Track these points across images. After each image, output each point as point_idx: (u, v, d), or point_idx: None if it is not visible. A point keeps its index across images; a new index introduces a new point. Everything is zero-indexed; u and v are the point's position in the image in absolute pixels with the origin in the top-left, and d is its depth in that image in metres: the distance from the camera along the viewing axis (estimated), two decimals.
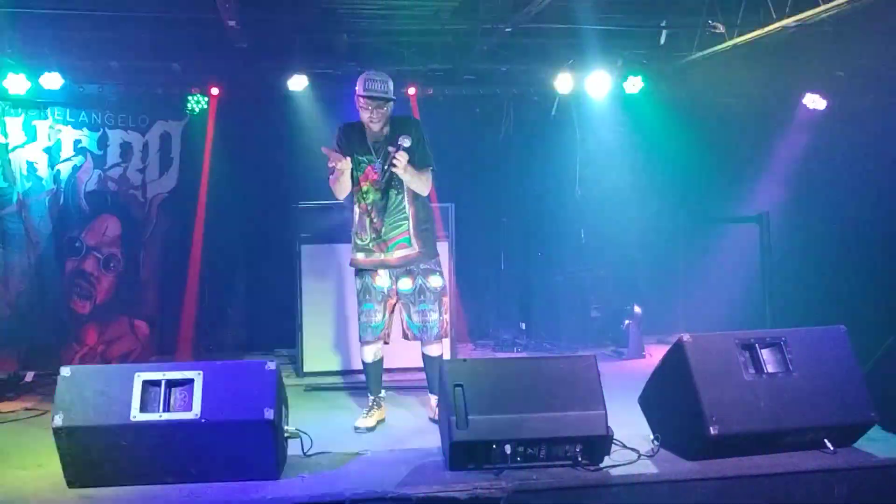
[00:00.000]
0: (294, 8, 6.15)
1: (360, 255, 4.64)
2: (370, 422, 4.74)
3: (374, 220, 4.58)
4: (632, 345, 6.87)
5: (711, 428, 3.46)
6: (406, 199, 4.60)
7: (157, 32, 6.54)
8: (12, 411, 5.37)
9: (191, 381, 3.43)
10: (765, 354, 3.69)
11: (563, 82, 7.13)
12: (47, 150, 6.28)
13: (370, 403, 4.84)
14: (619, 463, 3.57)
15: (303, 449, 3.78)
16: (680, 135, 7.43)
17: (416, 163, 4.52)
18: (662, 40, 6.69)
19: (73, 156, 6.41)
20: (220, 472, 3.43)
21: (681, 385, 3.61)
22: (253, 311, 7.60)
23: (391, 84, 4.62)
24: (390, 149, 4.45)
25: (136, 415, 3.35)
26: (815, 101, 7.25)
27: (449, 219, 6.49)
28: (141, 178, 6.77)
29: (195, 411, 3.37)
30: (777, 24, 5.56)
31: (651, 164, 7.59)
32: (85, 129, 6.47)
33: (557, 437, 3.49)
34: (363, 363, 4.82)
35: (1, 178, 6.10)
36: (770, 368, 3.67)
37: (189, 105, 6.92)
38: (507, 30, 5.97)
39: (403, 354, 6.25)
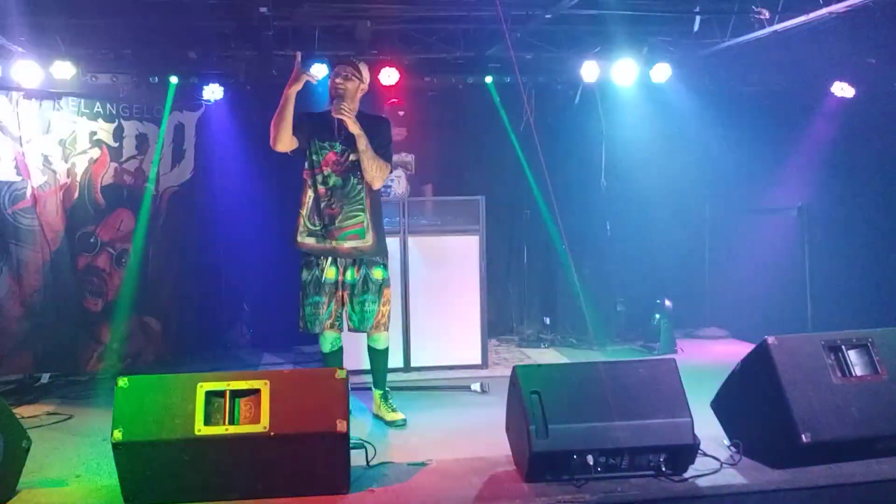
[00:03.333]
0: None
1: (311, 240, 4.59)
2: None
3: (333, 206, 4.56)
4: (663, 340, 6.73)
5: (803, 436, 3.31)
6: (365, 189, 4.60)
7: (171, 19, 6.29)
8: (35, 416, 5.14)
9: (257, 391, 3.23)
10: (852, 356, 3.55)
11: (588, 70, 6.95)
12: (62, 143, 6.01)
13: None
14: (703, 472, 3.42)
15: (367, 459, 3.60)
16: (707, 124, 7.28)
17: (378, 153, 4.55)
18: (696, 27, 6.50)
19: (89, 148, 6.14)
20: (289, 486, 3.24)
21: (766, 390, 3.46)
22: (270, 307, 7.38)
23: (366, 70, 4.70)
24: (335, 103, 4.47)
25: (201, 428, 3.14)
26: (843, 89, 7.12)
27: (479, 212, 6.31)
28: (155, 170, 6.51)
29: (263, 424, 3.17)
30: (823, 10, 5.40)
31: (678, 154, 7.43)
32: (100, 120, 6.20)
33: (641, 446, 3.33)
34: (323, 354, 4.80)
35: (14, 173, 5.82)
36: (858, 371, 3.53)
37: (205, 94, 6.68)
38: (546, 16, 5.76)
39: (424, 355, 6.18)
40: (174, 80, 6.40)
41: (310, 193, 4.59)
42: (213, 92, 6.67)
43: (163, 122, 6.38)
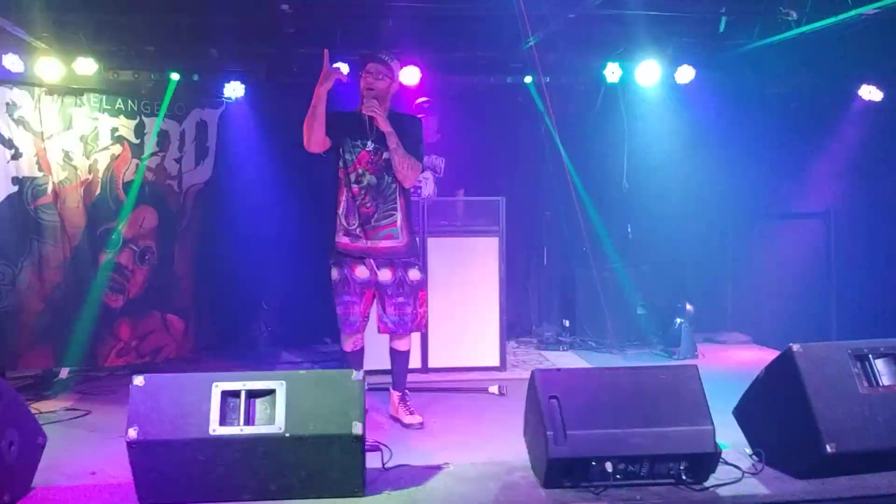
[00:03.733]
0: None
1: (346, 240, 4.53)
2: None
3: (368, 205, 4.50)
4: (684, 345, 6.64)
5: (828, 446, 3.23)
6: (398, 189, 4.55)
7: (192, 16, 6.30)
8: (52, 411, 5.15)
9: (272, 391, 3.20)
10: (879, 366, 3.45)
11: (611, 71, 6.90)
12: (83, 139, 6.03)
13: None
14: (723, 481, 3.34)
15: (382, 462, 3.56)
16: (732, 127, 7.20)
17: (409, 152, 4.49)
18: (722, 27, 6.42)
19: (111, 144, 6.15)
20: (303, 489, 3.20)
21: (790, 398, 3.38)
22: (288, 305, 7.39)
23: (397, 66, 4.63)
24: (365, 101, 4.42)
25: (216, 428, 3.11)
26: (871, 93, 7.01)
27: (500, 213, 6.26)
28: (177, 167, 6.52)
29: (278, 425, 3.14)
30: (853, 12, 5.30)
31: (702, 156, 7.35)
32: (122, 116, 6.20)
33: (662, 453, 3.26)
34: (343, 353, 4.71)
35: (36, 168, 5.84)
36: (886, 381, 3.43)
37: (226, 92, 6.69)
38: (569, 16, 5.70)
39: (442, 356, 6.14)
40: (175, 76, 6.42)
41: (345, 193, 4.53)
42: (234, 89, 6.70)
43: (159, 117, 6.33)
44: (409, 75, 6.66)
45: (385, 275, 4.55)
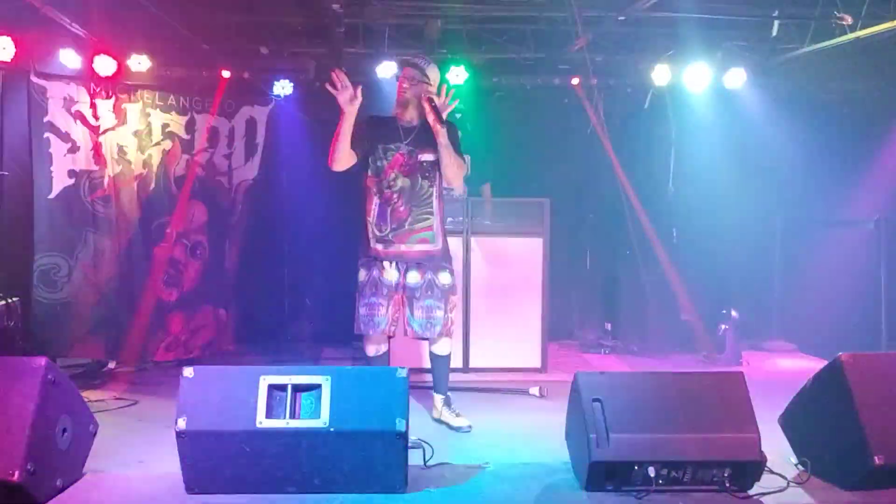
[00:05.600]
0: None
1: (380, 246, 4.44)
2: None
3: (400, 209, 4.43)
4: (728, 351, 6.58)
5: (876, 458, 3.19)
6: (435, 192, 4.51)
7: (245, 15, 6.40)
8: (101, 400, 5.26)
9: (318, 386, 3.25)
10: None
11: (660, 74, 6.85)
12: (137, 134, 6.15)
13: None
14: (768, 490, 3.32)
15: (424, 459, 3.59)
16: (782, 132, 7.09)
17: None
18: (775, 31, 6.33)
19: (163, 140, 6.27)
20: (345, 483, 3.25)
21: (838, 408, 3.34)
22: (331, 302, 7.44)
23: (435, 71, 4.56)
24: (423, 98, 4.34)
25: (262, 421, 3.17)
26: None
27: (544, 214, 6.25)
28: (227, 164, 6.63)
29: (323, 419, 3.19)
30: None
31: (750, 161, 7.25)
32: (173, 112, 6.33)
33: (705, 460, 3.24)
34: (367, 358, 4.64)
35: (92, 162, 5.97)
36: None
37: (275, 90, 6.78)
38: (619, 18, 5.68)
39: (483, 356, 6.15)
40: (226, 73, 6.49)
41: (375, 200, 4.46)
42: (283, 87, 6.76)
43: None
44: (456, 75, 6.68)
45: (413, 277, 4.47)
